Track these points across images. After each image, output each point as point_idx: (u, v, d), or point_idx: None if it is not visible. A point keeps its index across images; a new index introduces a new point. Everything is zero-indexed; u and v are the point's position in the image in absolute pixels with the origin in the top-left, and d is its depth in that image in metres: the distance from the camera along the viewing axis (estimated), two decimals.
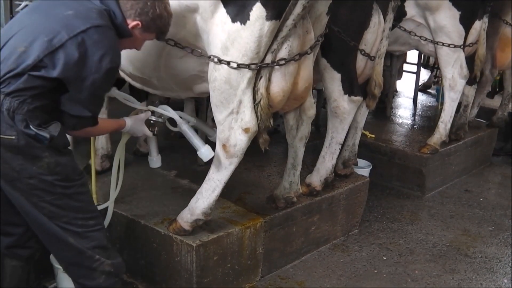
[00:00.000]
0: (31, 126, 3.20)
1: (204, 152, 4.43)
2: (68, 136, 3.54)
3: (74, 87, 3.31)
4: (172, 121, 4.50)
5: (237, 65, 3.92)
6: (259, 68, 4.03)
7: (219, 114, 4.12)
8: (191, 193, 4.48)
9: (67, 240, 3.47)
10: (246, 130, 4.10)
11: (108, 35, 3.37)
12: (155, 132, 4.37)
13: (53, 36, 3.22)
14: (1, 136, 3.17)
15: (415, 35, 6.84)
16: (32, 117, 3.22)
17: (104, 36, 3.33)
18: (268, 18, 3.79)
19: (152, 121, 4.32)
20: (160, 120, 4.39)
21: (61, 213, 3.41)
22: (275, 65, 4.11)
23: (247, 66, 3.94)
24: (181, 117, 4.48)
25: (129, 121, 4.16)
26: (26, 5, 4.52)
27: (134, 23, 3.50)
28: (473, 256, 5.74)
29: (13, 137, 3.17)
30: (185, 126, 4.45)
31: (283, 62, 4.14)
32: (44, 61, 3.19)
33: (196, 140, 4.43)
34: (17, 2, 4.67)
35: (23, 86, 3.18)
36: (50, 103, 3.32)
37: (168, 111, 4.41)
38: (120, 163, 4.50)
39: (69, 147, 3.52)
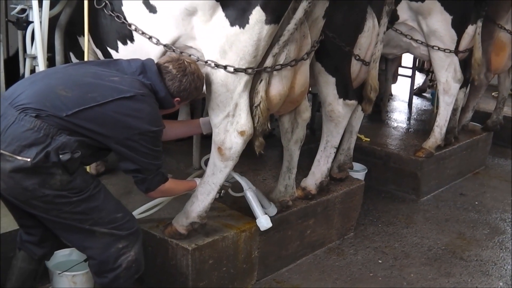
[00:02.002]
0: (56, 155, 3.28)
1: (263, 221, 4.55)
2: None
3: (117, 148, 3.53)
4: (235, 189, 4.70)
5: (233, 69, 3.93)
6: (258, 72, 4.05)
7: (215, 117, 4.13)
8: (186, 196, 4.47)
9: (96, 237, 3.57)
10: (241, 133, 4.10)
11: (150, 102, 3.62)
12: (221, 194, 4.52)
13: (98, 94, 3.41)
14: (16, 157, 3.22)
15: (411, 38, 6.86)
16: (66, 146, 3.32)
17: (147, 103, 3.58)
18: (267, 22, 3.79)
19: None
20: (226, 184, 4.58)
21: (85, 217, 3.50)
22: (272, 70, 4.12)
23: (244, 71, 3.96)
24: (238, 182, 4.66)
25: (199, 182, 4.40)
26: (22, 9, 4.55)
27: (176, 99, 3.83)
28: (468, 259, 5.75)
29: (28, 160, 3.22)
30: (250, 193, 4.58)
31: (279, 67, 4.16)
32: (82, 113, 3.35)
33: (257, 209, 4.56)
34: (13, 6, 4.66)
35: (62, 125, 3.31)
36: (91, 145, 3.48)
37: (236, 177, 4.59)
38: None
39: None
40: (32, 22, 4.53)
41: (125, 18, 4.20)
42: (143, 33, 4.14)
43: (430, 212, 6.89)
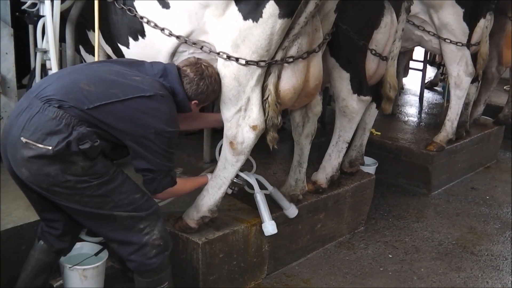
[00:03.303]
0: (77, 144, 3.35)
1: (268, 226, 4.58)
2: None
3: (132, 145, 3.58)
4: (250, 185, 4.68)
5: (245, 61, 3.93)
6: (268, 65, 4.04)
7: (227, 111, 4.12)
8: (197, 190, 4.48)
9: (116, 222, 3.62)
10: (253, 128, 4.10)
11: (168, 103, 3.69)
12: (234, 191, 4.62)
13: (119, 91, 3.50)
14: (39, 145, 3.30)
15: (424, 29, 6.82)
16: (86, 136, 3.38)
17: (165, 104, 3.65)
18: (281, 16, 3.78)
19: (233, 181, 4.48)
20: (240, 182, 4.65)
21: (105, 200, 3.55)
22: (283, 63, 4.12)
23: (256, 63, 3.95)
24: (260, 182, 4.71)
25: (210, 178, 4.45)
26: (33, 3, 4.55)
27: (192, 102, 3.91)
28: (479, 254, 5.73)
29: (50, 147, 3.29)
30: (259, 197, 4.60)
31: (291, 59, 4.15)
32: (103, 108, 3.43)
33: (264, 213, 4.59)
34: (23, 0, 4.66)
35: (83, 117, 3.39)
36: (108, 140, 3.54)
37: (250, 178, 4.62)
38: None
39: None
40: (43, 16, 4.54)
41: (136, 12, 4.20)
42: (155, 25, 4.14)
43: (441, 206, 6.87)
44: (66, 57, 4.98)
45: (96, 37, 4.51)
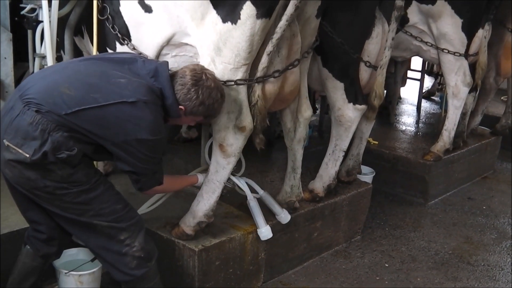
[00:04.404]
0: (53, 154, 3.34)
1: (264, 231, 4.64)
2: None
3: (113, 150, 3.53)
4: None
5: (234, 82, 4.03)
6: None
7: None
8: (194, 197, 4.48)
9: (97, 230, 3.63)
10: (242, 129, 4.14)
11: (152, 110, 3.54)
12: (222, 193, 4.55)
13: (100, 95, 3.41)
14: (18, 150, 3.32)
15: (421, 40, 6.83)
16: (62, 144, 3.36)
17: (149, 111, 3.50)
18: (259, 16, 3.80)
19: (224, 183, 4.46)
20: (229, 185, 4.60)
21: (85, 208, 3.55)
22: (270, 77, 4.23)
23: (244, 81, 4.07)
24: (251, 187, 4.70)
25: (201, 178, 4.47)
26: (32, 8, 4.55)
27: (180, 107, 3.70)
28: (476, 264, 5.73)
29: (28, 155, 3.30)
30: (253, 203, 4.62)
31: (277, 74, 4.27)
32: (82, 113, 3.37)
33: (259, 218, 4.62)
34: (23, 5, 4.67)
35: (60, 122, 3.35)
36: (84, 142, 3.48)
37: (242, 183, 4.62)
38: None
39: None
40: (42, 21, 4.54)
41: (124, 25, 4.28)
42: (134, 48, 4.30)
43: (437, 216, 6.87)
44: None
45: (95, 38, 4.51)
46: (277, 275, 5.14)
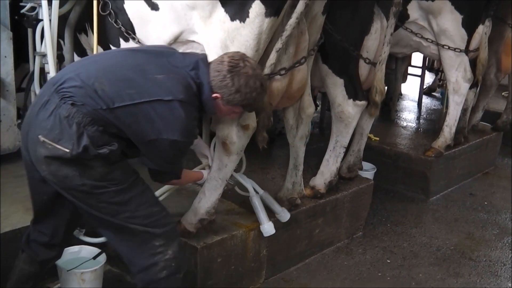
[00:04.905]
0: (94, 148, 3.25)
1: (267, 227, 4.61)
2: None
3: (142, 147, 3.45)
4: (242, 187, 4.71)
5: None
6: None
7: None
8: (195, 195, 4.48)
9: (130, 233, 3.49)
10: (245, 127, 4.13)
11: (187, 110, 3.38)
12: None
13: (135, 92, 3.30)
14: (55, 145, 3.21)
15: (421, 36, 6.83)
16: (102, 139, 3.29)
17: (184, 110, 3.35)
18: (267, 15, 3.78)
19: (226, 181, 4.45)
20: (231, 182, 4.59)
21: (122, 208, 3.43)
22: (276, 75, 4.20)
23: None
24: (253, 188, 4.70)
25: (205, 174, 4.36)
26: (32, 7, 4.55)
27: (215, 94, 3.49)
28: (477, 260, 5.73)
29: (67, 150, 3.20)
30: (256, 199, 4.62)
31: (281, 73, 4.23)
32: (117, 110, 3.28)
33: (262, 215, 4.61)
34: (23, 4, 4.67)
35: (95, 116, 3.26)
36: (122, 137, 3.39)
37: (244, 180, 4.64)
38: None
39: None
40: (42, 20, 4.54)
41: (128, 22, 4.24)
42: (138, 42, 4.22)
43: (439, 212, 6.87)
44: (65, 61, 4.99)
45: (94, 38, 4.51)
46: (279, 272, 5.14)
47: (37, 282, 3.97)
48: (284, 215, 4.81)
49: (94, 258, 4.19)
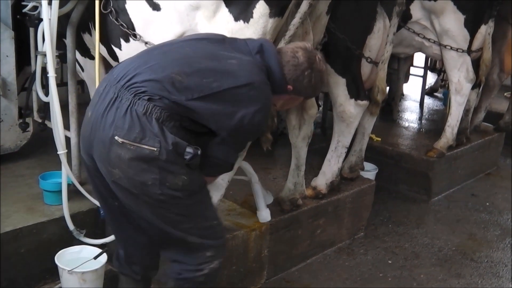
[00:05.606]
0: (182, 140, 3.10)
1: (264, 214, 4.66)
2: None
3: (222, 133, 3.25)
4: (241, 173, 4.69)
5: None
6: None
7: None
8: None
9: (186, 244, 3.37)
10: None
11: (266, 92, 3.31)
12: None
13: (213, 80, 3.15)
14: (138, 145, 3.03)
15: (424, 37, 6.82)
16: (179, 135, 3.11)
17: (262, 92, 3.28)
18: (272, 15, 3.77)
19: None
20: (246, 178, 4.67)
21: (186, 219, 3.30)
22: None
23: None
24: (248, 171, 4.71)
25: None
26: (34, 6, 4.55)
27: (289, 86, 3.44)
28: (479, 260, 5.72)
29: (155, 149, 3.02)
30: (258, 186, 4.65)
31: None
32: (196, 101, 3.12)
33: (261, 201, 4.62)
34: (25, 3, 4.67)
35: (173, 110, 3.10)
36: (194, 131, 3.23)
37: (248, 169, 4.65)
38: None
39: None
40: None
41: (130, 22, 4.22)
42: (146, 43, 4.16)
43: (441, 213, 6.87)
44: (68, 61, 4.98)
45: (96, 37, 4.50)
46: (280, 272, 5.14)
47: None
48: (269, 198, 4.82)
49: (95, 258, 4.18)
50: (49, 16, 4.35)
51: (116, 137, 3.03)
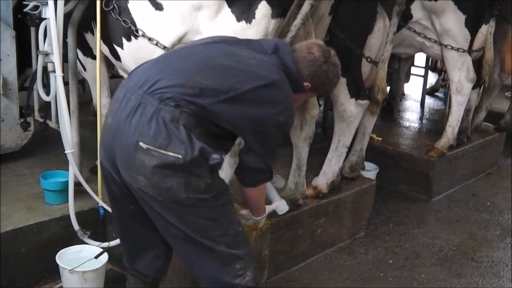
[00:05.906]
0: (208, 147, 3.07)
1: (280, 206, 4.41)
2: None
3: (249, 137, 3.25)
4: None
5: None
6: None
7: None
8: None
9: (213, 255, 3.25)
10: None
11: (287, 90, 3.32)
12: None
13: (236, 81, 3.13)
14: (164, 152, 2.98)
15: (425, 36, 6.82)
16: (205, 141, 3.07)
17: (285, 92, 3.30)
18: (274, 16, 3.78)
19: None
20: None
21: (215, 225, 3.21)
22: None
23: None
24: None
25: (267, 211, 4.17)
26: (35, 6, 4.55)
27: (307, 83, 3.45)
28: (480, 260, 5.72)
29: (180, 156, 2.97)
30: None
31: None
32: (221, 103, 3.08)
33: (273, 193, 4.48)
34: (26, 3, 4.67)
35: (199, 115, 3.05)
36: (220, 136, 3.21)
37: None
38: None
39: None
40: (45, 18, 4.53)
41: (132, 21, 4.22)
42: (150, 39, 4.16)
43: (441, 212, 6.86)
44: (69, 60, 4.98)
45: (98, 35, 4.51)
46: (281, 271, 5.14)
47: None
48: (281, 181, 4.70)
49: (96, 257, 4.19)
50: (54, 14, 4.36)
51: (141, 143, 2.98)
